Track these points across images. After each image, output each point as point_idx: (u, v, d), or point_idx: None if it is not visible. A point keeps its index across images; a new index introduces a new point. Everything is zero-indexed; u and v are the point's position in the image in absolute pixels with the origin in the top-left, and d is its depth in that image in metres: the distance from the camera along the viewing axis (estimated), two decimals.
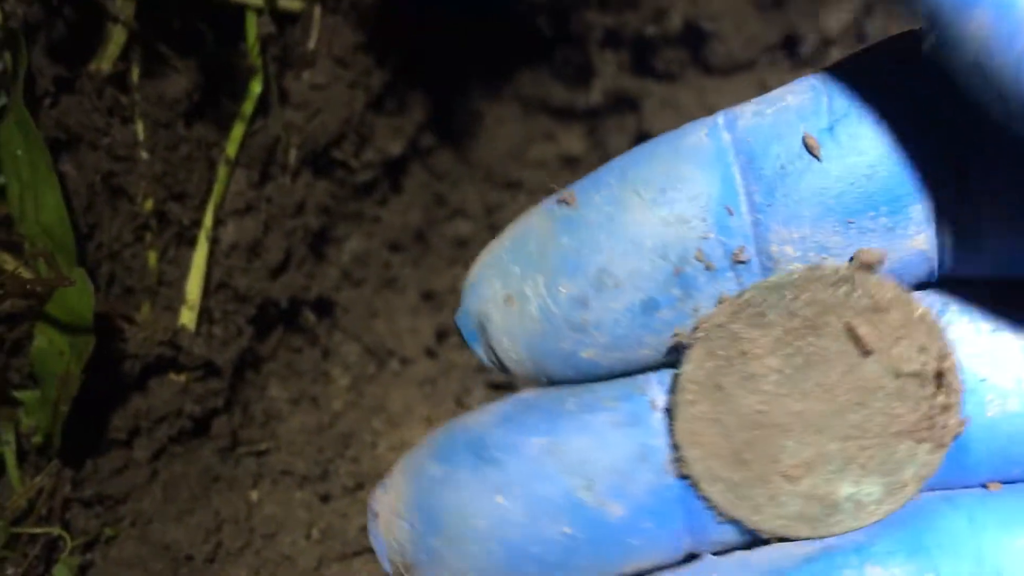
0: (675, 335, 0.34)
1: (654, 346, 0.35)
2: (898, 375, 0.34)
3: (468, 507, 0.34)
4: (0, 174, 0.64)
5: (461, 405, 0.85)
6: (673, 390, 0.35)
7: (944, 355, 0.34)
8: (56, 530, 0.66)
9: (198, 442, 0.75)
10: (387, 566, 0.36)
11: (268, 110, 0.77)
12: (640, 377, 0.36)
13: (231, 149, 0.73)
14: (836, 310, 0.33)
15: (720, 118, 0.34)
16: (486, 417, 0.36)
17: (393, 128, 0.87)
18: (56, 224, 0.64)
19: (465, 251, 0.94)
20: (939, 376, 0.34)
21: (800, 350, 0.34)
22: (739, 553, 0.35)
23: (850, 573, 0.33)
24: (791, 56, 0.96)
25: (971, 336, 0.34)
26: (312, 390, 0.83)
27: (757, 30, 0.94)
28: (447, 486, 0.35)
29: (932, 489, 0.35)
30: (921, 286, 0.35)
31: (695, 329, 0.34)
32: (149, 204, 0.71)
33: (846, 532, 0.35)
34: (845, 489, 0.34)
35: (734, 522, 0.35)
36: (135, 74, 0.70)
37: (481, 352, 0.37)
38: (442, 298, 0.91)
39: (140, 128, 0.70)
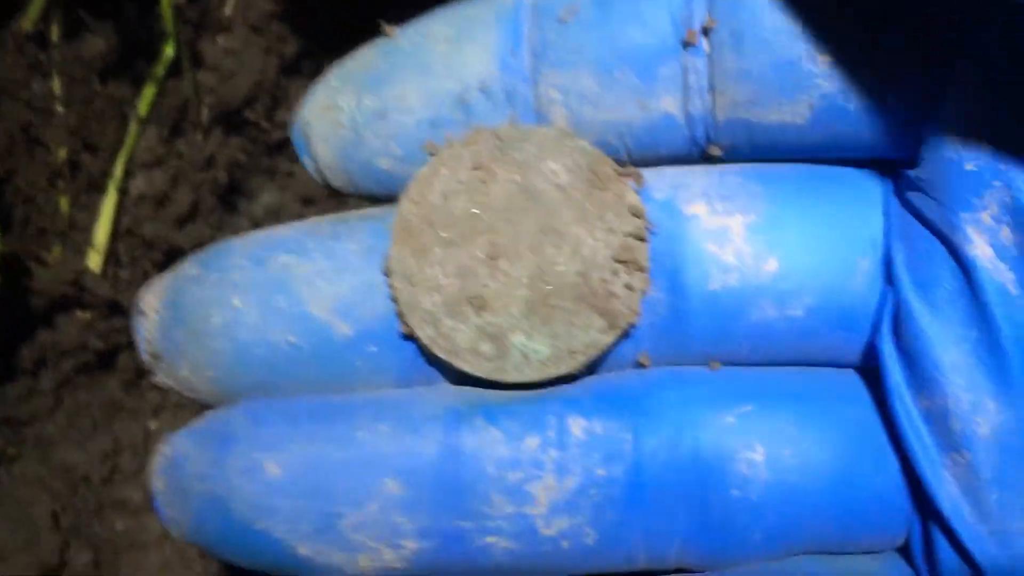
0: (426, 144, 0.38)
1: None
2: (595, 246, 0.36)
3: (208, 304, 0.38)
4: None
5: None
6: (405, 189, 0.38)
7: (640, 237, 0.36)
8: None
9: (103, 375, 0.81)
10: (144, 357, 0.39)
11: (182, 72, 0.82)
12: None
13: (143, 107, 0.79)
14: (559, 165, 0.37)
15: None
16: (260, 236, 0.39)
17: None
18: None
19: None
20: (629, 255, 0.36)
21: (523, 189, 0.37)
22: (447, 386, 0.38)
23: (551, 419, 0.35)
24: None
25: (706, 214, 0.37)
26: None
27: None
28: (196, 284, 0.38)
29: (660, 364, 0.38)
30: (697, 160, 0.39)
31: (446, 144, 0.38)
32: (63, 153, 0.76)
33: (514, 383, 0.37)
34: (518, 337, 0.36)
35: (413, 337, 0.37)
36: (55, 33, 0.75)
37: (308, 163, 0.40)
38: None
39: (57, 83, 0.75)
